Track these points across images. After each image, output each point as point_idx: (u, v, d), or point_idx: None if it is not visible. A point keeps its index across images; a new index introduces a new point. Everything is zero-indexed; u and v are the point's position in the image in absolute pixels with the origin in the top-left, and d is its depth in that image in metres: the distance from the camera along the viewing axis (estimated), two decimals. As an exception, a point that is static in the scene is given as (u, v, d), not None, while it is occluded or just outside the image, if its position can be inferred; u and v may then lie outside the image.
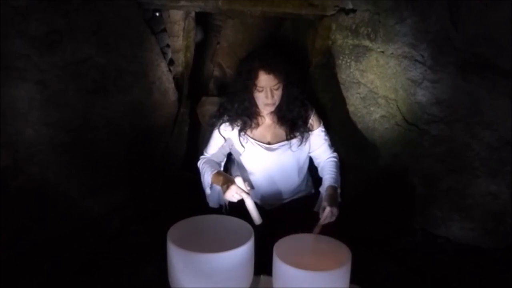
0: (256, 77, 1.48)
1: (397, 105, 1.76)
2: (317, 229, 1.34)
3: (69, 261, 1.64)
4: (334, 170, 1.59)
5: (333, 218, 1.40)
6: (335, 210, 1.40)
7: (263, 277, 1.32)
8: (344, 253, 1.21)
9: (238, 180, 1.42)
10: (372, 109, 1.89)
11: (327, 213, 1.38)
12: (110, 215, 1.93)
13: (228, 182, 1.43)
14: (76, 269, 1.61)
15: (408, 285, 1.61)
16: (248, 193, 1.42)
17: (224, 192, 1.43)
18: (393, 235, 1.79)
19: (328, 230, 1.35)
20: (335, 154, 1.67)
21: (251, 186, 1.63)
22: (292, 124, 1.59)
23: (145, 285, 1.54)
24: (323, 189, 1.58)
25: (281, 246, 1.21)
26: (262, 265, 1.28)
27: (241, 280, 1.21)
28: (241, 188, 1.41)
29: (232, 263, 1.15)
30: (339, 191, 1.55)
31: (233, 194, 1.40)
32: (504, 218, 1.52)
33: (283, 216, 1.59)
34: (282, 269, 1.15)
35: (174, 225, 1.26)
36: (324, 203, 1.42)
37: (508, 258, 1.52)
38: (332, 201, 1.43)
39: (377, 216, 1.83)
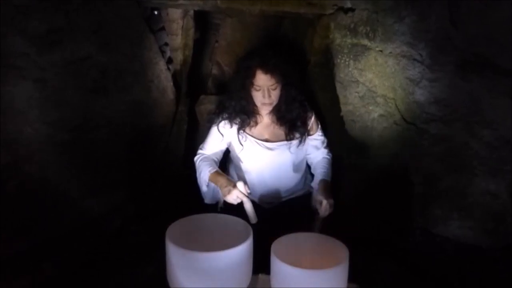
0: (253, 76, 1.48)
1: (395, 104, 1.76)
2: (318, 223, 1.39)
3: (69, 261, 1.64)
4: (326, 165, 1.65)
5: (331, 210, 1.45)
6: (331, 201, 1.46)
7: (261, 276, 1.32)
8: (342, 251, 1.21)
9: (240, 185, 1.45)
10: (370, 108, 1.89)
11: (325, 206, 1.44)
12: (110, 215, 1.93)
13: (229, 185, 1.45)
14: (76, 269, 1.61)
15: (407, 284, 1.60)
16: (248, 197, 1.45)
17: (225, 195, 1.44)
18: (392, 235, 1.78)
19: (326, 226, 1.38)
20: (328, 155, 1.71)
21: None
22: (291, 125, 1.59)
23: (145, 285, 1.54)
24: (315, 184, 1.62)
25: (279, 245, 1.21)
26: (261, 264, 1.28)
27: (240, 279, 1.21)
28: (242, 193, 1.43)
29: (230, 262, 1.15)
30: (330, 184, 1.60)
31: (234, 198, 1.43)
32: (504, 218, 1.52)
33: (281, 215, 1.59)
34: (280, 268, 1.15)
35: (172, 224, 1.26)
36: (320, 197, 1.47)
37: (507, 258, 1.51)
38: (327, 194, 1.48)
39: (377, 215, 1.83)
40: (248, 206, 1.45)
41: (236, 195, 1.42)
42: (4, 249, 1.51)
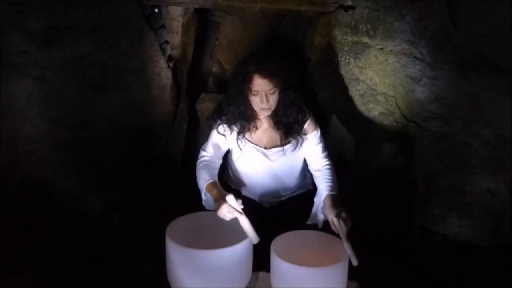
0: (251, 81, 1.44)
1: (396, 102, 1.77)
2: (344, 243, 1.26)
3: (69, 259, 1.64)
4: (329, 177, 1.52)
5: (349, 223, 1.31)
6: (343, 215, 1.31)
7: (261, 274, 1.33)
8: (341, 249, 1.21)
9: (230, 199, 1.28)
10: (371, 106, 1.89)
11: (338, 224, 1.29)
12: (109, 213, 1.93)
13: (220, 199, 1.32)
14: (75, 267, 1.61)
15: (406, 282, 1.61)
16: (241, 212, 1.28)
17: (216, 209, 1.33)
18: (392, 233, 1.79)
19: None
20: (329, 162, 1.57)
21: (251, 195, 1.58)
22: (287, 129, 1.55)
23: (145, 283, 1.54)
24: (318, 199, 1.52)
25: (279, 243, 1.22)
26: (261, 261, 1.29)
27: (240, 277, 1.22)
28: (233, 207, 1.28)
29: (230, 260, 1.16)
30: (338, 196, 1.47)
31: (224, 213, 1.29)
32: (503, 216, 1.52)
33: (281, 213, 1.59)
34: (280, 266, 1.16)
35: (172, 222, 1.27)
36: (329, 216, 1.34)
37: (506, 256, 1.52)
38: (335, 210, 1.35)
39: (376, 213, 1.84)
40: (244, 223, 1.25)
41: (226, 210, 1.27)
42: (3, 247, 1.51)
